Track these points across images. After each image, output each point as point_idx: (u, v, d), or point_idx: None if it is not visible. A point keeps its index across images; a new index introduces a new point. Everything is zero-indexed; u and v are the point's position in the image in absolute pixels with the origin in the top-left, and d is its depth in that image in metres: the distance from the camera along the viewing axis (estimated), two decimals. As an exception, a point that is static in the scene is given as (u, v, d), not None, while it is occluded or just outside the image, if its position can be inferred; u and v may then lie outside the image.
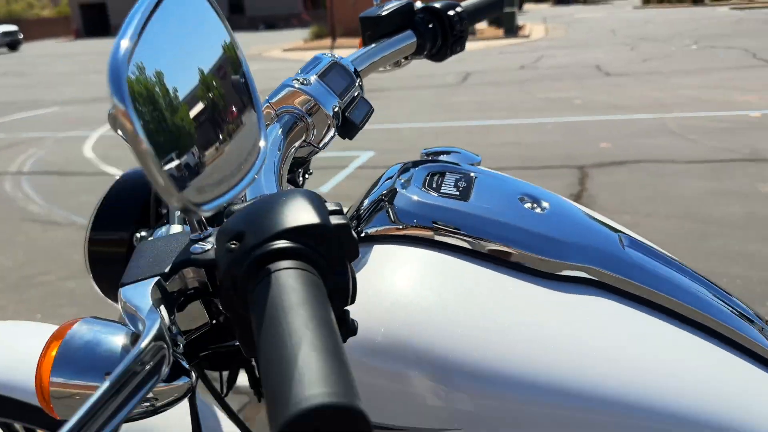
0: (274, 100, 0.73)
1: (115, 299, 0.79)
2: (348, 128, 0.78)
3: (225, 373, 0.83)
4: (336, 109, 0.75)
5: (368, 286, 0.61)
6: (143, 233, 0.76)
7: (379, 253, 0.66)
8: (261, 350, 0.35)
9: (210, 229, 0.51)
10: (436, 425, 0.59)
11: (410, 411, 0.59)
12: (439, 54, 0.94)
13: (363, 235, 0.68)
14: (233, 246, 0.43)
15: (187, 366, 0.47)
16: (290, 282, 0.38)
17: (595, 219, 0.75)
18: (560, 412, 0.57)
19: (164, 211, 0.80)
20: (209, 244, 0.49)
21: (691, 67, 8.77)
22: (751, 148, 4.62)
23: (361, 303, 0.50)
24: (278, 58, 16.12)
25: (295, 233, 0.42)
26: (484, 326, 0.59)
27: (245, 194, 0.57)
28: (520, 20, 20.14)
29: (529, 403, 0.57)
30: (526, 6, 37.57)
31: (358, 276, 0.49)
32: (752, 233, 3.13)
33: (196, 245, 0.50)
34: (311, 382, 0.30)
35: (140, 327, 0.45)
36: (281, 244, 0.41)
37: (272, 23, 37.93)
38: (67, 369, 0.46)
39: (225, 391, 0.84)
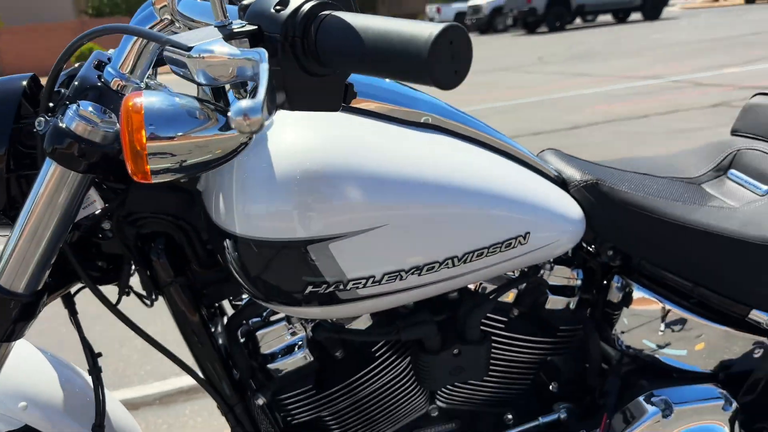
0: None
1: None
2: None
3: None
4: None
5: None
6: (47, 117, 0.74)
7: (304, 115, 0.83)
8: (366, 44, 0.47)
9: (230, 19, 0.57)
10: (367, 226, 0.79)
11: (345, 221, 0.78)
12: None
13: None
14: (279, 8, 0.52)
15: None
16: (347, 14, 0.50)
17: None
18: (433, 209, 0.83)
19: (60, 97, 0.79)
20: (239, 25, 0.56)
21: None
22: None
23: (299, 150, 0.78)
24: None
25: None
26: (378, 155, 0.81)
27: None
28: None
29: (412, 203, 0.82)
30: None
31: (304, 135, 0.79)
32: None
33: (227, 27, 0.56)
34: (425, 26, 0.45)
35: (250, 68, 0.53)
36: None
37: None
38: (158, 125, 0.60)
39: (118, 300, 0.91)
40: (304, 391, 0.95)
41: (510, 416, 1.04)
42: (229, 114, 0.48)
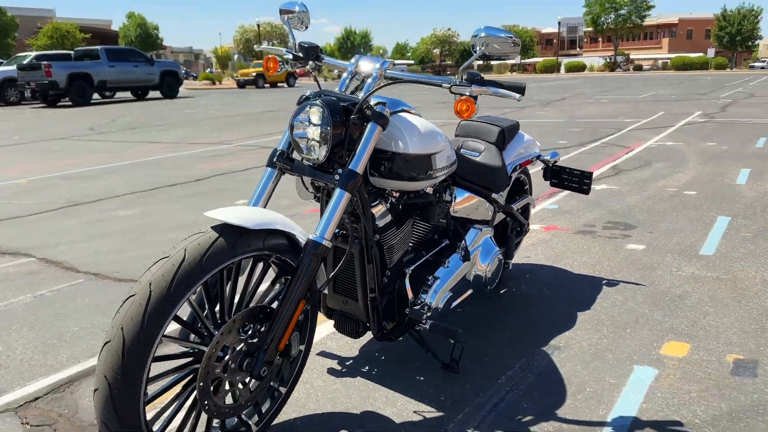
0: None
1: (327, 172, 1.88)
2: None
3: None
4: None
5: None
6: (373, 108, 1.86)
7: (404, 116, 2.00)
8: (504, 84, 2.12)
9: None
10: (442, 149, 2.71)
11: (440, 145, 2.76)
12: None
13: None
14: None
15: None
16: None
17: None
18: (446, 146, 2.66)
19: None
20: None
21: None
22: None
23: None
24: None
25: None
26: (436, 128, 1.91)
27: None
28: None
29: (444, 142, 2.65)
30: None
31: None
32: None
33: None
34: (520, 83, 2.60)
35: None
36: None
37: None
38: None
39: None
40: (386, 234, 2.05)
41: (424, 252, 2.34)
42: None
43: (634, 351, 2.39)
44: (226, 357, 1.62)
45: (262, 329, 1.70)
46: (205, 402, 1.59)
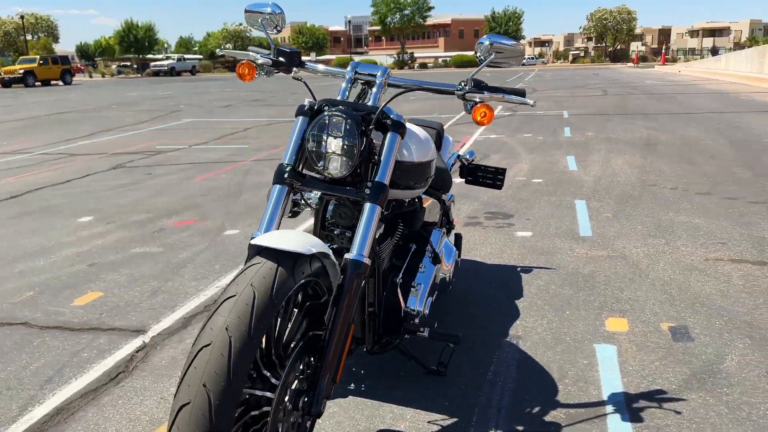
0: None
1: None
2: None
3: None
4: None
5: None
6: (394, 116, 1.76)
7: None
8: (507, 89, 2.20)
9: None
10: (435, 157, 2.88)
11: (433, 152, 2.37)
12: None
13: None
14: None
15: None
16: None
17: None
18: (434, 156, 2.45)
19: None
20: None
21: None
22: None
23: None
24: None
25: None
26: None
27: None
28: None
29: (434, 151, 2.51)
30: None
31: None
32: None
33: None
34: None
35: None
36: None
37: None
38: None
39: None
40: (382, 244, 1.97)
41: (400, 258, 2.29)
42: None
43: (586, 331, 2.58)
44: (286, 398, 1.43)
45: (313, 362, 1.53)
46: None
